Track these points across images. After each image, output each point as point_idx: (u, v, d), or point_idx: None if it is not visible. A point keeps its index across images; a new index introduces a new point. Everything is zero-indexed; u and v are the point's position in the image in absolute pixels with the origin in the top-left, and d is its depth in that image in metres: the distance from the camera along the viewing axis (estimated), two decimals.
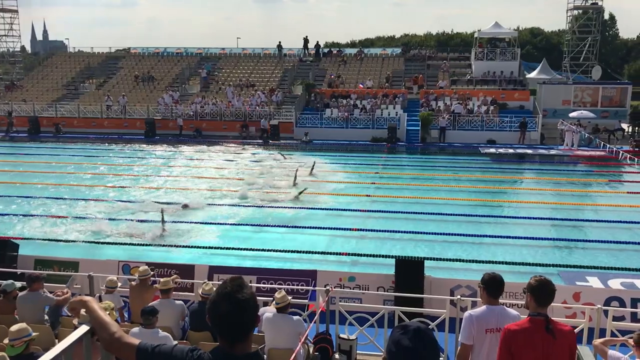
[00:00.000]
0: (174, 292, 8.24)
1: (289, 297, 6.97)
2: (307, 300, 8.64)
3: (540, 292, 4.21)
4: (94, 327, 2.74)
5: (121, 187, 21.60)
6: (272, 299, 7.24)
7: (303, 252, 13.89)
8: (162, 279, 8.16)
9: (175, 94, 40.64)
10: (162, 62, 47.62)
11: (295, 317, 7.00)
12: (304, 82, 40.90)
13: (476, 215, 17.65)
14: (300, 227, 16.35)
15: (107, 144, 33.94)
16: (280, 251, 13.84)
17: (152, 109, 38.90)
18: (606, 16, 75.10)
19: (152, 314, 6.64)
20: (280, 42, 47.21)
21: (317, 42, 47.29)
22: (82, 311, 3.04)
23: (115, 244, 14.60)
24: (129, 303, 8.63)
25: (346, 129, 35.48)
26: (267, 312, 6.98)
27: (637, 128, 35.42)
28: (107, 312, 7.03)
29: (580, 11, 44.13)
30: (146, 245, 14.68)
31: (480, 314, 4.72)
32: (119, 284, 8.81)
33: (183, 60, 47.33)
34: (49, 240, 14.89)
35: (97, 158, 28.66)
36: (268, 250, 14.01)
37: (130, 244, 14.60)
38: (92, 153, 30.42)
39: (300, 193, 19.74)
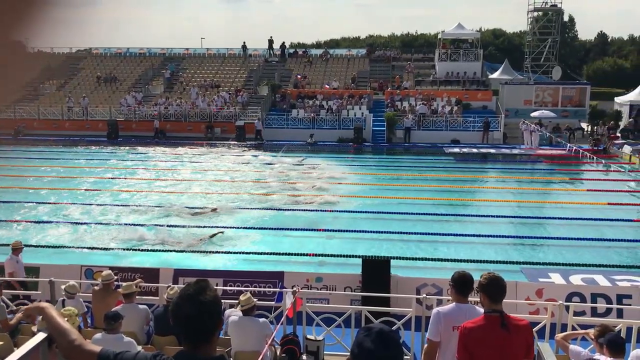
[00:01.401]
0: (138, 297, 8.10)
1: (255, 299, 6.92)
2: (273, 302, 8.59)
3: (492, 289, 4.26)
4: (52, 335, 2.65)
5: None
6: (237, 301, 7.18)
7: (270, 253, 13.86)
8: (124, 283, 8.01)
9: (139, 95, 40.04)
10: (124, 62, 46.85)
11: (262, 319, 6.95)
12: (269, 83, 40.76)
13: (441, 214, 17.86)
14: (267, 228, 16.28)
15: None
16: (247, 253, 13.76)
17: (115, 110, 38.23)
18: (565, 18, 76.91)
19: (115, 319, 6.50)
20: (245, 43, 46.96)
21: (283, 42, 47.22)
22: (39, 318, 2.95)
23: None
24: (92, 308, 8.45)
25: (312, 129, 35.48)
26: (233, 314, 6.92)
27: (595, 127, 36.35)
28: (70, 318, 6.87)
29: (541, 13, 45.05)
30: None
31: (447, 311, 4.76)
32: (80, 289, 8.62)
33: (146, 61, 46.65)
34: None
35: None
36: (234, 253, 13.92)
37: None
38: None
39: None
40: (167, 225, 16.29)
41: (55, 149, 31.88)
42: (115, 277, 8.76)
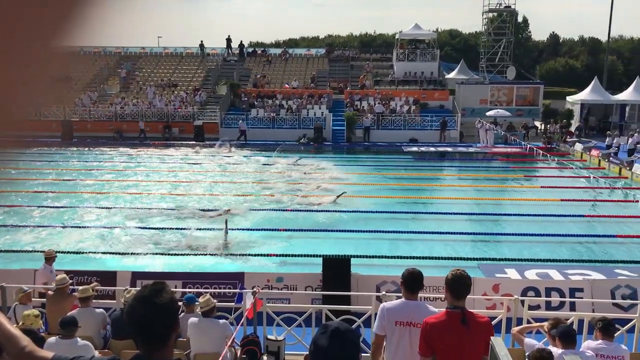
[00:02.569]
0: (95, 300, 7.93)
1: (214, 301, 6.86)
2: (233, 304, 8.53)
3: (455, 285, 4.34)
4: (0, 342, 2.56)
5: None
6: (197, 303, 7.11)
7: (232, 254, 13.76)
8: (80, 287, 7.82)
9: (94, 95, 39.15)
10: (78, 61, 45.63)
11: (222, 321, 6.90)
12: (228, 82, 40.46)
13: (400, 212, 18.05)
14: (234, 229, 16.14)
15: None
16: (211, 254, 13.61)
17: (69, 110, 37.28)
18: (519, 19, 78.69)
19: (71, 324, 6.35)
20: (202, 42, 46.44)
21: (241, 41, 46.93)
22: None
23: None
24: (46, 314, 8.22)
25: (273, 129, 35.40)
26: (192, 316, 6.84)
27: (548, 126, 37.38)
28: (29, 318, 6.65)
29: (495, 14, 46.01)
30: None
31: (392, 307, 4.82)
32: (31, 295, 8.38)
33: (101, 60, 45.62)
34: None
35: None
36: (196, 255, 13.77)
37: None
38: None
39: (338, 196, 19.33)
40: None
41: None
42: (71, 282, 8.55)
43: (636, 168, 24.45)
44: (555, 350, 5.28)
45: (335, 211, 18.05)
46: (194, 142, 33.73)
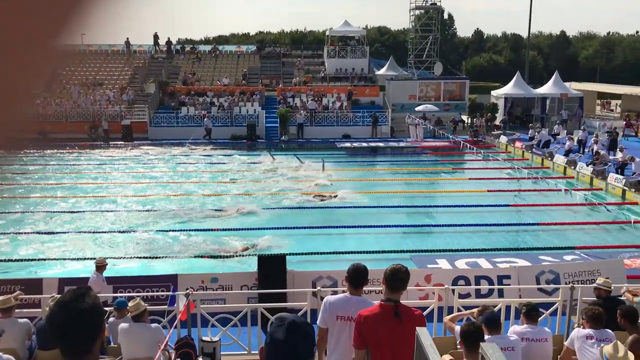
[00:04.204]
0: (18, 310, 7.55)
1: (145, 304, 6.68)
2: (166, 307, 8.34)
3: (390, 278, 4.39)
4: None
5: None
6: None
7: (165, 257, 13.47)
8: (1, 297, 7.43)
9: None
10: None
11: (154, 325, 6.73)
12: (156, 80, 39.48)
13: (334, 207, 18.19)
14: (163, 230, 15.79)
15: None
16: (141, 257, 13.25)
17: None
18: (445, 16, 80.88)
19: None
20: (128, 39, 45.01)
21: (169, 38, 45.85)
22: None
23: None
24: None
25: (204, 127, 34.80)
26: (123, 322, 6.63)
27: (474, 119, 38.64)
28: None
29: (422, 11, 47.03)
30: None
31: (334, 301, 4.85)
32: None
33: None
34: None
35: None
36: (130, 258, 13.39)
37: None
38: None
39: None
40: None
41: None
42: None
43: (557, 158, 25.66)
44: None
45: (271, 208, 17.98)
46: (122, 143, 32.77)
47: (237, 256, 13.50)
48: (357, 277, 4.83)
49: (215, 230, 15.71)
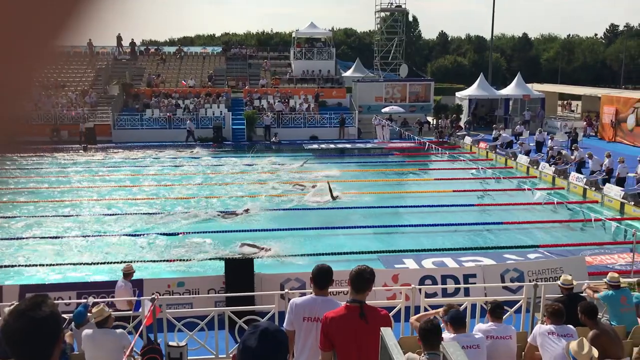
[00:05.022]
0: None
1: (109, 310, 6.56)
2: (131, 312, 8.21)
3: (355, 279, 4.40)
4: None
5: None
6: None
7: (132, 261, 13.24)
8: None
9: None
10: None
11: (118, 330, 6.61)
12: (120, 82, 38.86)
13: (302, 209, 18.19)
14: (133, 235, 15.53)
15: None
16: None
17: None
18: (410, 18, 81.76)
19: None
20: (90, 40, 44.15)
21: (132, 39, 45.15)
22: None
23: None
24: None
25: (169, 129, 34.42)
26: (86, 328, 6.50)
27: (440, 120, 39.11)
28: None
29: (388, 13, 47.42)
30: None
31: (300, 303, 4.83)
32: None
33: None
34: None
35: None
36: (97, 264, 13.13)
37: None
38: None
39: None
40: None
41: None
42: None
43: (520, 158, 26.15)
44: (447, 335, 5.52)
45: (238, 213, 17.87)
46: (85, 145, 32.13)
47: (204, 260, 13.38)
48: (322, 277, 4.80)
49: (179, 234, 15.54)
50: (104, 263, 13.24)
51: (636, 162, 20.21)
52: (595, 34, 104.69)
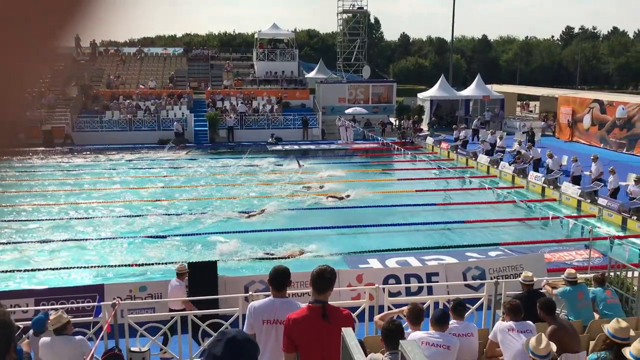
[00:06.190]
0: None
1: (67, 316, 6.40)
2: (92, 318, 8.03)
3: (316, 280, 4.39)
4: None
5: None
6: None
7: (89, 267, 12.99)
8: None
9: None
10: None
11: (78, 337, 6.45)
12: (79, 83, 38.02)
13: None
14: (89, 239, 15.21)
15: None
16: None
17: None
18: (372, 20, 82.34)
19: None
20: None
21: (93, 40, 44.17)
22: None
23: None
24: None
25: (130, 131, 33.83)
26: (44, 336, 6.32)
27: (402, 121, 39.49)
28: None
29: (350, 15, 47.60)
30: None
31: (259, 306, 4.77)
32: None
33: None
34: None
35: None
36: (52, 269, 12.80)
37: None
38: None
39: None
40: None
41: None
42: None
43: (481, 158, 26.61)
44: (409, 331, 5.59)
45: (199, 214, 17.69)
46: (43, 148, 31.35)
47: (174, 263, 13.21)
48: (278, 279, 4.75)
49: (146, 237, 15.32)
50: (64, 268, 12.94)
51: (590, 161, 20.79)
52: (552, 36, 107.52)
